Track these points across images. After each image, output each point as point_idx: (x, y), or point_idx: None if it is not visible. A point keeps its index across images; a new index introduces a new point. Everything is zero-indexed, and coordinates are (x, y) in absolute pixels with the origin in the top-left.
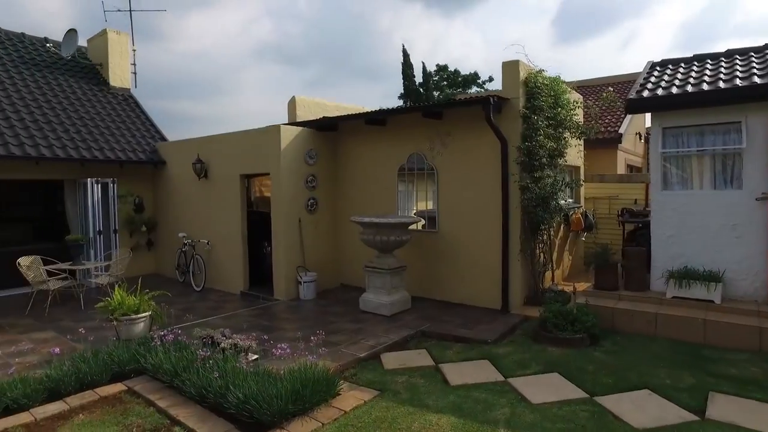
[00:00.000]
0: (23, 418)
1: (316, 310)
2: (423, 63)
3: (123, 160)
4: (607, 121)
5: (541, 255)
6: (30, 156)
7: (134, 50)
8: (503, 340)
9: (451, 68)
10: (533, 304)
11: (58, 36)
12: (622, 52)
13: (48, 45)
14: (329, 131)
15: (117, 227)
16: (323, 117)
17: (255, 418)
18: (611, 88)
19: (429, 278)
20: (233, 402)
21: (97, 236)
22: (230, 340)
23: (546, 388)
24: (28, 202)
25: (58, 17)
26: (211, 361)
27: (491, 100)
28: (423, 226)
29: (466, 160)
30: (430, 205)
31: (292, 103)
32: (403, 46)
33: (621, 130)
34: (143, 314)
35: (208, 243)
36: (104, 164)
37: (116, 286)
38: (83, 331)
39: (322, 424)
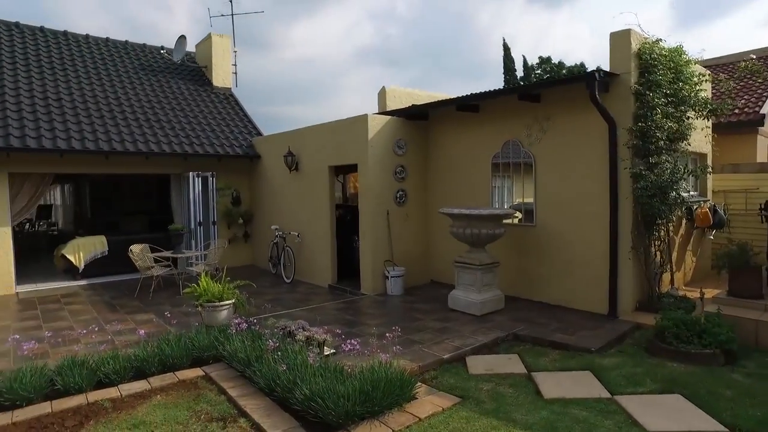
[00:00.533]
0: (111, 393)
1: (401, 307)
2: (524, 56)
3: (221, 155)
4: (744, 100)
5: (658, 254)
6: (141, 151)
7: (235, 51)
8: (610, 350)
9: (555, 60)
10: (647, 311)
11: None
12: (761, 31)
13: (162, 52)
14: (419, 120)
15: (216, 219)
16: (412, 105)
17: (320, 418)
18: (753, 56)
19: (525, 276)
20: (299, 398)
21: (198, 227)
22: (306, 333)
23: (665, 412)
24: (145, 195)
25: (184, 30)
26: (279, 353)
27: (596, 75)
28: (519, 219)
29: (567, 146)
30: (527, 197)
31: (382, 94)
32: (504, 39)
33: (763, 110)
34: (226, 302)
35: (298, 235)
36: (204, 158)
37: (206, 274)
38: (176, 316)
39: (392, 431)
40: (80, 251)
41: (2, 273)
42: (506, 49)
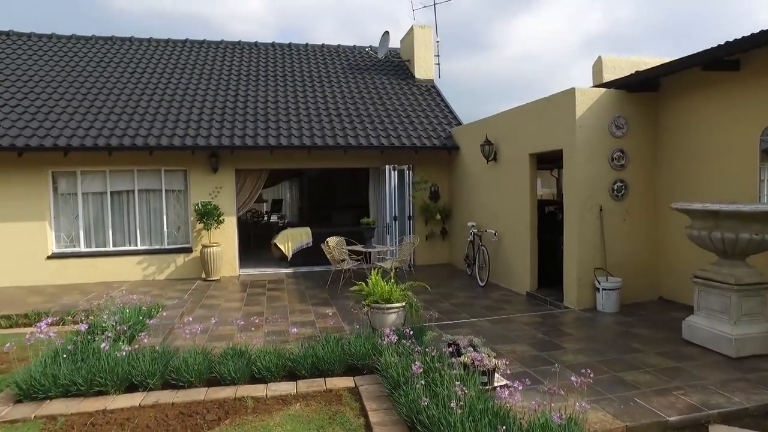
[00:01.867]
0: (259, 390)
1: (613, 330)
2: None
3: (417, 147)
4: None
5: None
6: (339, 145)
7: (438, 41)
8: None
9: None
10: None
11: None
12: None
13: (368, 50)
14: (646, 92)
15: (412, 214)
16: (635, 72)
17: None
18: None
19: None
20: None
21: (393, 222)
22: (473, 354)
23: None
24: (355, 190)
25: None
26: (432, 376)
27: None
28: None
29: None
30: None
31: (597, 66)
32: None
33: None
34: (396, 305)
35: (495, 234)
36: (400, 151)
37: (395, 271)
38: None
39: None
40: (289, 241)
41: (229, 257)
42: None
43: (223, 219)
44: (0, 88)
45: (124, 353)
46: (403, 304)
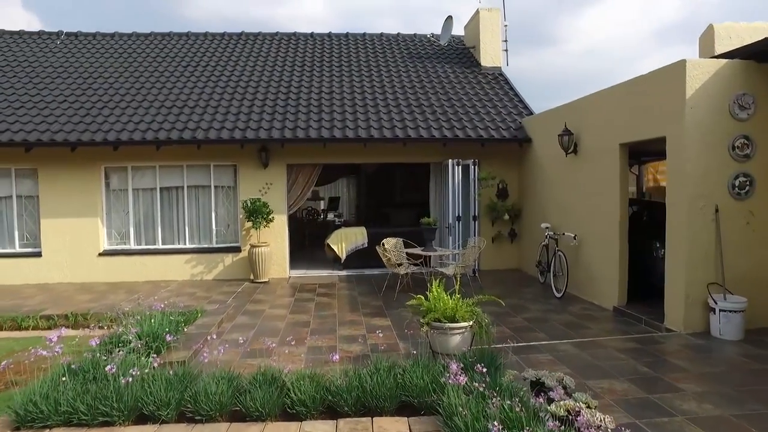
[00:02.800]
0: (290, 430)
1: (744, 365)
2: None
3: (484, 139)
4: None
5: None
6: (397, 138)
7: (506, 26)
8: None
9: None
10: None
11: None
12: None
13: (429, 36)
14: None
15: (477, 213)
16: None
17: None
18: None
19: None
20: None
21: (456, 222)
22: (569, 403)
23: None
24: (415, 188)
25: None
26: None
27: None
28: None
29: None
30: None
31: (707, 36)
32: None
33: None
34: (461, 325)
35: (574, 237)
36: (464, 143)
37: (459, 278)
38: (415, 327)
39: None
40: (342, 242)
41: (279, 258)
42: None
43: (273, 217)
44: (63, 85)
45: (130, 379)
46: (470, 323)
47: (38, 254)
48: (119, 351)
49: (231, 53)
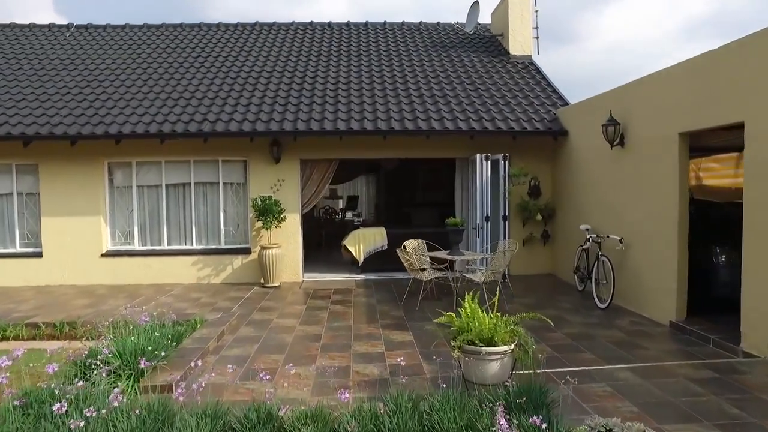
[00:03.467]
0: None
1: None
2: None
3: (516, 131)
4: None
5: None
6: (420, 130)
7: (536, 11)
8: None
9: None
10: None
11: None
12: None
13: (455, 25)
14: None
15: (507, 213)
16: None
17: None
18: None
19: None
20: None
21: (485, 223)
22: None
23: None
24: (438, 186)
25: None
26: None
27: None
28: None
29: None
30: None
31: None
32: None
33: None
34: (501, 349)
35: (621, 241)
36: (494, 136)
37: (487, 285)
38: (442, 344)
39: None
40: (360, 243)
41: (291, 261)
42: None
43: (285, 216)
44: (68, 77)
45: (81, 423)
46: (510, 347)
47: (39, 254)
48: (87, 376)
49: (243, 44)
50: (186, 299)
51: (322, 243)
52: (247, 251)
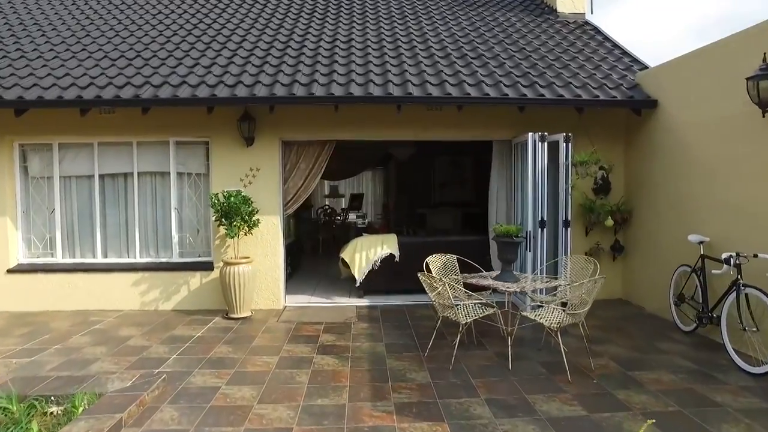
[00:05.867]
0: None
1: None
2: None
3: (584, 101)
4: None
5: None
6: (449, 97)
7: None
8: None
9: None
10: None
11: None
12: None
13: None
14: None
15: (568, 217)
16: None
17: None
18: None
19: None
20: None
21: (539, 230)
22: None
23: None
24: (454, 180)
25: None
26: None
27: None
28: None
29: None
30: None
31: None
32: None
33: None
34: None
35: None
36: (551, 109)
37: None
38: None
39: None
40: (361, 256)
41: (268, 281)
42: None
43: (258, 220)
44: None
45: None
46: None
47: None
48: None
49: None
50: (108, 340)
51: (319, 250)
52: (208, 266)
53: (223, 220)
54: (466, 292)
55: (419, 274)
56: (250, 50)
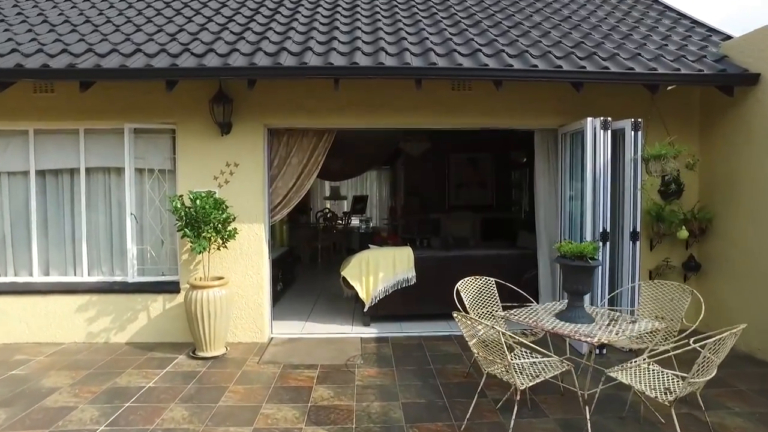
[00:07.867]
0: None
1: None
2: None
3: (663, 75)
4: None
5: None
6: (485, 69)
7: None
8: None
9: None
10: None
11: None
12: None
13: None
14: None
15: (638, 226)
16: None
17: None
18: None
19: None
20: None
21: (600, 244)
22: None
23: None
24: (480, 179)
25: None
26: None
27: None
28: None
29: None
30: None
31: None
32: None
33: None
34: None
35: None
36: (614, 88)
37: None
38: None
39: None
40: (369, 275)
41: (249, 307)
42: None
43: (236, 230)
44: None
45: None
46: None
47: None
48: None
49: None
50: (20, 396)
51: (319, 260)
52: (174, 288)
53: (187, 230)
54: (519, 343)
55: (455, 314)
56: (230, 17)
